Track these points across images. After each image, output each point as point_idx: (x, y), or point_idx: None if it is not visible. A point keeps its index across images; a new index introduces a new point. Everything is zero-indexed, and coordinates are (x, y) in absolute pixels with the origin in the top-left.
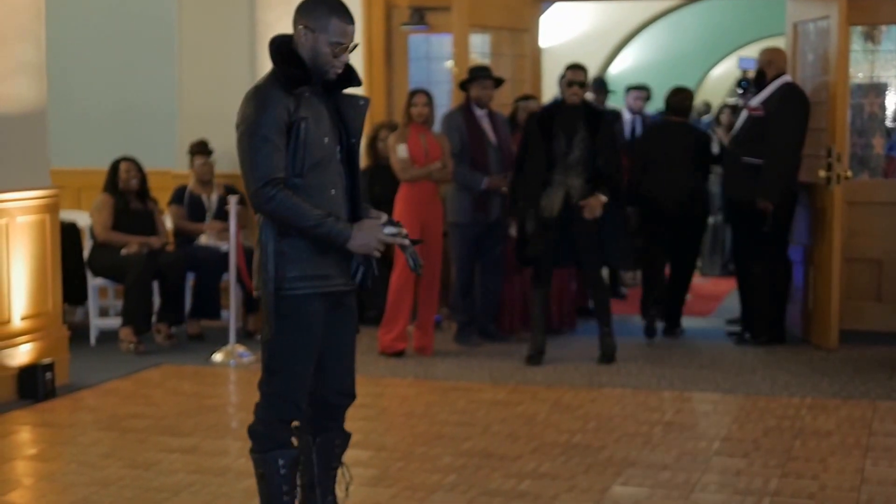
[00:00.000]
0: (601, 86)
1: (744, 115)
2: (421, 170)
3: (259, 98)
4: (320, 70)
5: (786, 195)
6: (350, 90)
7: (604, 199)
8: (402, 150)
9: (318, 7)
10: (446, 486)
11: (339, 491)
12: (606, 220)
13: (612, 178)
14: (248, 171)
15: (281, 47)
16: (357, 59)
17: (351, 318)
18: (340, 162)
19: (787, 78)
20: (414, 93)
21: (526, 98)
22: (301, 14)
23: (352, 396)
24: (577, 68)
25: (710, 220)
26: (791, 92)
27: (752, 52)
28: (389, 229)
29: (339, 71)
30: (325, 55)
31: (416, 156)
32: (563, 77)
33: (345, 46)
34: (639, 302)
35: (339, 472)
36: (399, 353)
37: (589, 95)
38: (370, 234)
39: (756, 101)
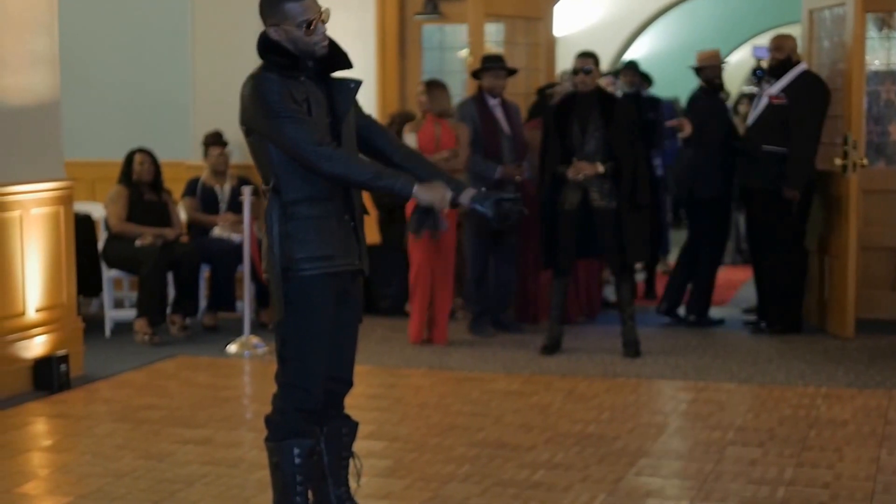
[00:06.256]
0: (634, 70)
1: (762, 103)
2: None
3: (258, 84)
4: (306, 53)
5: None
6: (343, 74)
7: (601, 168)
8: (409, 140)
9: (270, 1)
10: (460, 476)
11: (352, 481)
12: (623, 212)
13: (628, 169)
14: (292, 147)
15: (266, 41)
16: (370, 49)
17: (354, 306)
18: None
19: (804, 65)
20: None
21: (552, 86)
22: (263, 16)
23: (348, 384)
24: (584, 56)
25: None
26: (812, 80)
27: (768, 40)
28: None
29: (324, 44)
30: (301, 38)
31: (425, 145)
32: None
33: (314, 20)
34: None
35: (351, 462)
36: (428, 342)
37: (604, 82)
38: (438, 189)
39: (776, 89)
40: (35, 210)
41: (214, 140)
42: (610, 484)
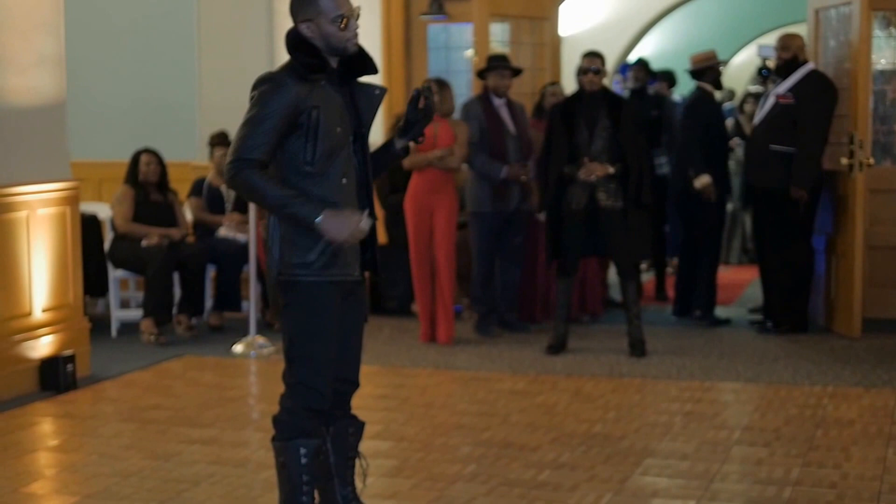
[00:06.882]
0: (643, 67)
1: (769, 102)
2: (420, 157)
3: (270, 82)
4: (337, 50)
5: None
6: (367, 79)
7: (611, 169)
8: None
9: None
10: (466, 476)
11: (358, 481)
12: (629, 212)
13: (636, 170)
14: (235, 140)
15: (296, 38)
16: (376, 49)
17: (359, 306)
18: (353, 151)
19: (811, 65)
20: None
21: (553, 84)
22: (295, 12)
23: (355, 384)
24: (591, 55)
25: (729, 206)
26: (820, 79)
27: (773, 39)
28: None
29: (356, 41)
30: (334, 34)
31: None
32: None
33: (347, 16)
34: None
35: (357, 462)
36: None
37: (607, 81)
38: (346, 221)
39: (783, 88)
40: (41, 210)
41: (220, 140)
42: (616, 484)
